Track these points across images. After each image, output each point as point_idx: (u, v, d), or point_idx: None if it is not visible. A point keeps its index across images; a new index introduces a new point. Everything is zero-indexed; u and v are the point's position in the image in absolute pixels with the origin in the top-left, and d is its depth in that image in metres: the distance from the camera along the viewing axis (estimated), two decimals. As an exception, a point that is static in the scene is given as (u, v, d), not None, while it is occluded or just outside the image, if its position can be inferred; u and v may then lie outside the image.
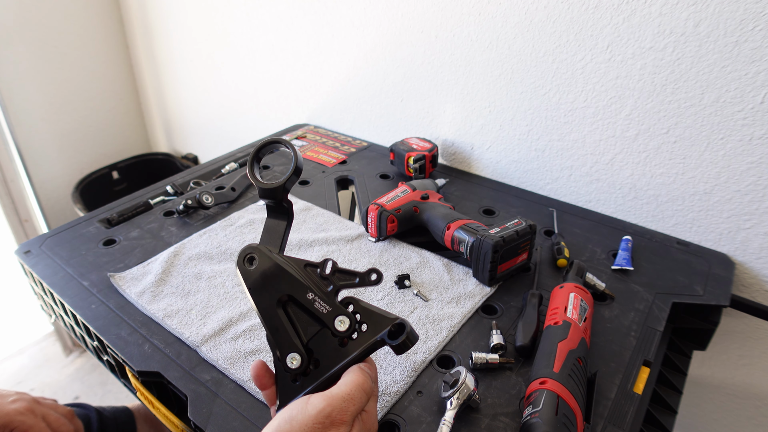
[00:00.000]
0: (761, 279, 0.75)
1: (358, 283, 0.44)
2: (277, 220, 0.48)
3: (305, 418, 0.37)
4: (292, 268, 0.46)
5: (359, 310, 0.43)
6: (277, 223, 0.48)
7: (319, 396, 0.39)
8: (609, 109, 0.80)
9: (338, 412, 0.38)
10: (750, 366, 0.83)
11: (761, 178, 0.70)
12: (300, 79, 1.25)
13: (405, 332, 0.40)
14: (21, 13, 1.46)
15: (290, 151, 0.47)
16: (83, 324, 0.66)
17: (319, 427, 0.37)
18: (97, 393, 1.60)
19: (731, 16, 0.65)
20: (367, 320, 0.43)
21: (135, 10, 1.61)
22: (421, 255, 0.75)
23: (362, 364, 0.42)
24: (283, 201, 0.48)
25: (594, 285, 0.67)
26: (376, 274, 0.44)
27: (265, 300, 0.45)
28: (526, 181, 0.95)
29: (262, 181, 0.47)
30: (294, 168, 0.46)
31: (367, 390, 0.40)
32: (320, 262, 0.46)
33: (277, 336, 0.44)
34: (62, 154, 1.68)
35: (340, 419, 0.38)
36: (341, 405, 0.38)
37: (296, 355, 0.43)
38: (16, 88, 1.51)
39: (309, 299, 0.44)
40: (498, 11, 0.84)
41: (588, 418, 0.50)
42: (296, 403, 0.39)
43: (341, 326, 0.42)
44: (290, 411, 0.38)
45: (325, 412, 0.37)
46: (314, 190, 0.94)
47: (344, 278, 0.45)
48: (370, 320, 0.43)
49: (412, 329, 0.41)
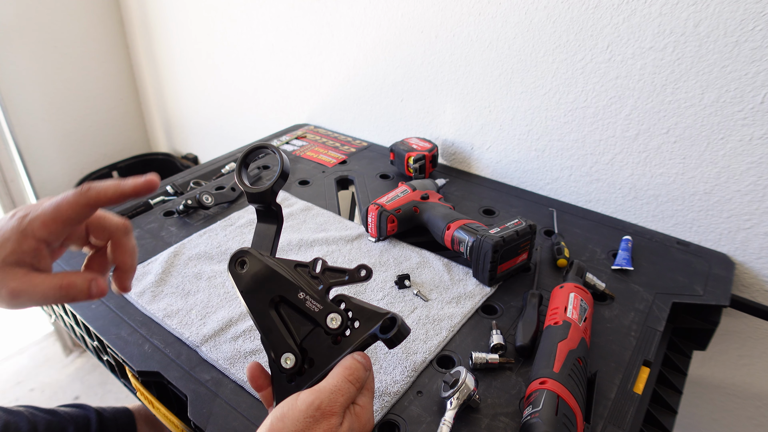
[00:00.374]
0: (761, 279, 0.75)
1: (347, 279, 0.45)
2: (267, 224, 0.49)
3: (296, 413, 0.38)
4: (282, 269, 0.46)
5: (351, 307, 0.44)
6: (267, 227, 0.49)
7: (308, 391, 0.40)
8: (609, 109, 0.80)
9: (327, 403, 0.38)
10: (750, 366, 0.83)
11: (761, 178, 0.70)
12: (300, 79, 1.25)
13: (396, 325, 0.40)
14: (21, 13, 1.46)
15: (278, 155, 0.48)
16: (83, 324, 0.66)
17: (310, 420, 0.37)
18: (97, 393, 1.60)
19: (731, 16, 0.65)
20: (360, 317, 0.43)
21: (135, 10, 1.61)
22: (421, 255, 0.75)
23: (355, 354, 0.43)
24: (272, 205, 0.48)
25: (594, 285, 0.67)
26: (365, 270, 0.44)
27: (257, 302, 0.46)
28: (526, 181, 0.95)
29: (250, 186, 0.48)
30: (280, 172, 0.47)
31: (356, 379, 0.41)
32: (310, 262, 0.46)
33: (271, 337, 0.44)
34: (62, 154, 1.68)
35: (330, 410, 0.38)
36: (330, 397, 0.39)
37: (290, 355, 0.43)
38: (16, 88, 1.51)
39: (300, 299, 0.44)
40: (498, 11, 0.84)
41: (588, 418, 0.50)
42: (287, 400, 0.40)
43: (333, 323, 0.43)
44: (282, 408, 0.39)
45: (314, 405, 0.38)
46: (314, 190, 0.94)
47: (334, 276, 0.46)
48: (362, 316, 0.43)
49: (404, 323, 0.41)
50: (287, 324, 0.45)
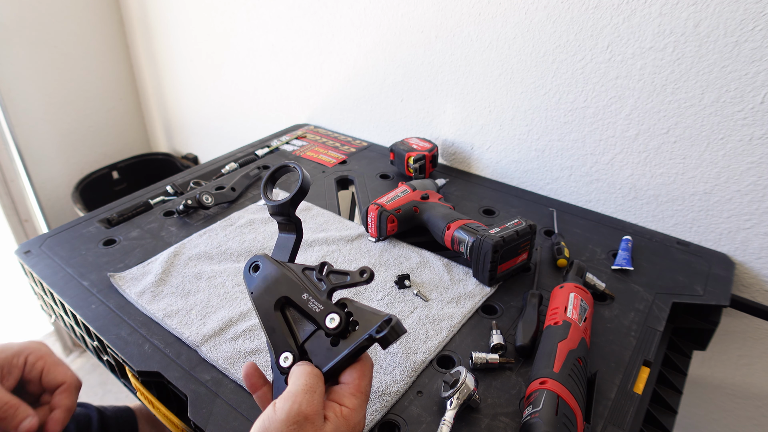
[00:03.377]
0: (761, 279, 0.75)
1: (349, 281, 0.46)
2: (287, 235, 0.52)
3: (278, 424, 0.37)
4: (290, 271, 0.48)
5: (353, 310, 0.44)
6: (287, 238, 0.52)
7: (281, 398, 0.39)
8: (609, 109, 0.80)
9: (306, 404, 0.38)
10: (750, 366, 0.83)
11: (761, 178, 0.70)
12: (300, 79, 1.25)
13: (389, 326, 0.41)
14: (21, 13, 1.46)
15: (299, 172, 0.51)
16: (83, 324, 0.66)
17: (294, 427, 0.37)
18: (97, 393, 1.60)
19: (731, 16, 0.65)
20: (360, 319, 0.44)
21: (135, 10, 1.61)
22: (421, 255, 0.75)
23: (306, 364, 0.43)
24: (291, 217, 0.51)
25: (594, 285, 0.67)
26: (368, 273, 0.46)
27: (265, 303, 0.47)
28: (526, 181, 0.95)
29: (273, 200, 0.51)
30: (299, 188, 0.49)
31: (317, 374, 0.41)
32: (317, 265, 0.48)
33: (274, 337, 0.45)
34: (62, 154, 1.68)
35: (312, 411, 0.38)
36: (305, 397, 0.38)
37: (288, 354, 0.44)
38: (16, 88, 1.51)
39: (304, 299, 0.46)
40: (498, 11, 0.84)
41: (588, 418, 0.50)
42: (265, 412, 0.39)
43: (332, 323, 0.43)
44: (262, 422, 0.38)
45: (293, 410, 0.37)
46: (314, 190, 0.94)
47: (338, 278, 0.47)
48: (362, 319, 0.44)
49: (399, 322, 0.42)
50: (290, 325, 0.46)
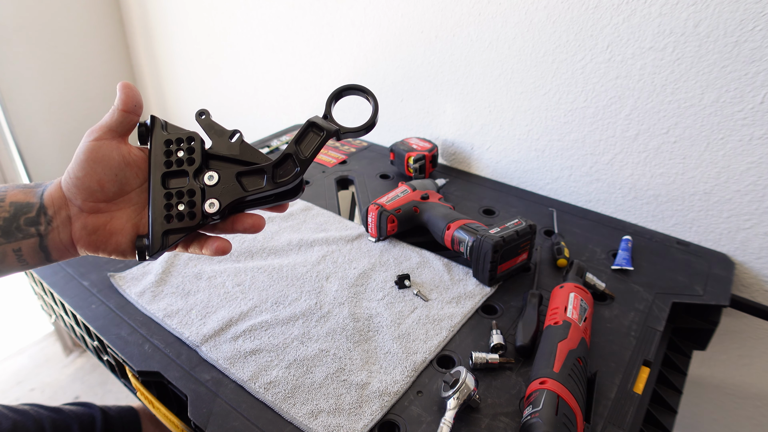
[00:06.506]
0: (761, 279, 0.76)
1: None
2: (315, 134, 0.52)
3: None
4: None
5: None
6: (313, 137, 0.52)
7: None
8: (609, 109, 0.80)
9: None
10: (750, 366, 0.83)
11: (761, 178, 0.70)
12: (300, 79, 1.25)
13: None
14: (21, 13, 1.46)
15: (370, 102, 0.52)
16: (83, 324, 0.66)
17: None
18: (97, 393, 1.60)
19: (731, 16, 0.65)
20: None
21: (135, 10, 1.61)
22: (421, 255, 0.75)
23: None
24: (336, 135, 0.52)
25: (594, 285, 0.67)
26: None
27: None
28: (526, 181, 0.95)
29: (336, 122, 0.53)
30: (371, 118, 0.52)
31: None
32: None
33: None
34: (62, 154, 1.67)
35: None
36: None
37: (215, 201, 0.46)
38: (16, 88, 1.51)
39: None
40: (498, 11, 0.84)
41: (588, 418, 0.50)
42: None
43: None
44: None
45: None
46: (314, 190, 0.94)
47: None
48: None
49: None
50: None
